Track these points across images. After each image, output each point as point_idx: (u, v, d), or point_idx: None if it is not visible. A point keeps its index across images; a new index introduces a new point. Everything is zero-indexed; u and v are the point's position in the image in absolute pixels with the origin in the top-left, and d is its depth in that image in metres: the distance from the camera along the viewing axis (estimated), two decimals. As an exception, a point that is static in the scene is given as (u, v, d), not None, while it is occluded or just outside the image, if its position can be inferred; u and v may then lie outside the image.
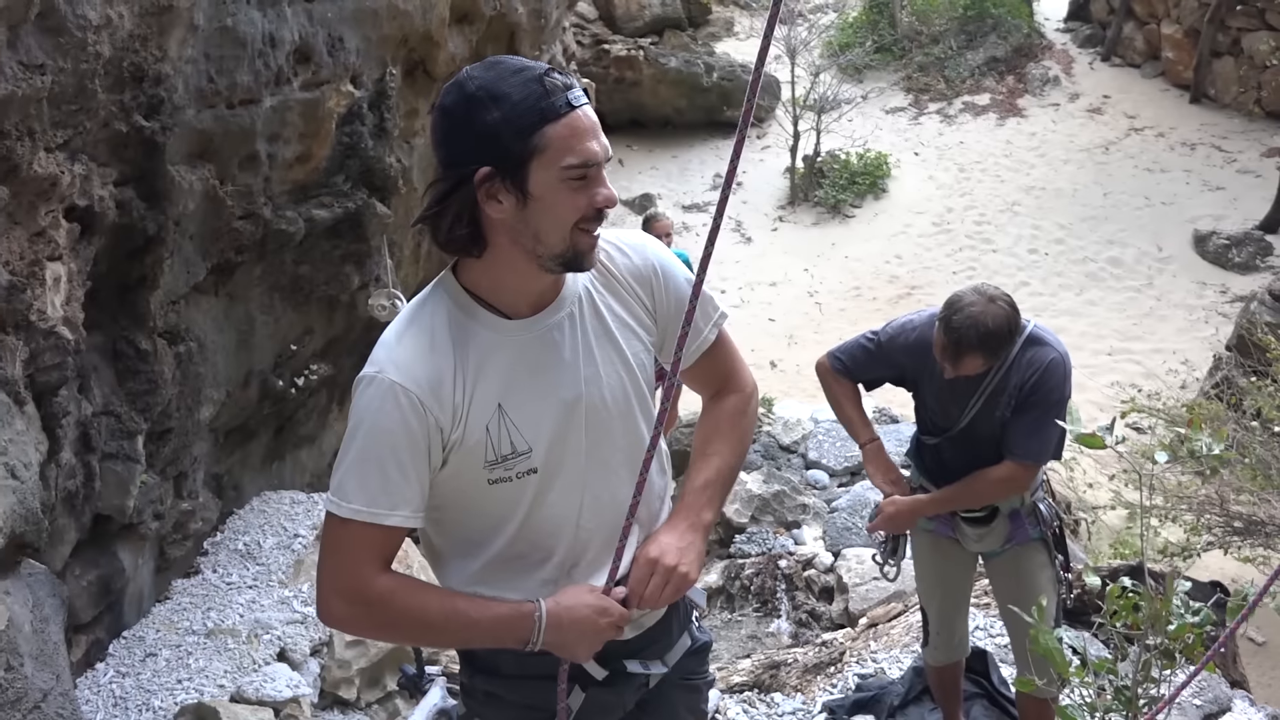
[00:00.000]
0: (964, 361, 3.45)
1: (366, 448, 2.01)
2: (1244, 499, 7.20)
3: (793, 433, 8.61)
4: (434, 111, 1.99)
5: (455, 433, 2.05)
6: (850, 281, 15.30)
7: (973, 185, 17.61)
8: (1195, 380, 11.34)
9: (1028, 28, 21.60)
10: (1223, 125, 18.34)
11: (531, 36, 8.12)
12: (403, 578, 2.13)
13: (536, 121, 1.92)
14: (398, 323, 2.12)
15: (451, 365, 2.05)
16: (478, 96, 1.93)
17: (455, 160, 1.97)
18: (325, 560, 2.09)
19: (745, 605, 6.58)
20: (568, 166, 1.96)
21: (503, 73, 1.94)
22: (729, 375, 2.51)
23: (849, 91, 18.94)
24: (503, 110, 1.92)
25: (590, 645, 2.17)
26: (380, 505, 2.01)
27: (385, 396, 2.00)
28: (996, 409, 3.63)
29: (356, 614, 2.10)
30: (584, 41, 18.03)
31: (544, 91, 1.92)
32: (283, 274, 5.69)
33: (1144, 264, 15.03)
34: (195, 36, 4.43)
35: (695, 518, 2.27)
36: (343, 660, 5.03)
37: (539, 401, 2.12)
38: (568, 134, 1.94)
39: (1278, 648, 7.08)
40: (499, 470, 2.10)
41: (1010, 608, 3.83)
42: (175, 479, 5.15)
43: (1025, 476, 3.68)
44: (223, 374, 5.30)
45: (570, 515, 2.20)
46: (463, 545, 2.22)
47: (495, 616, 2.12)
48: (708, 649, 2.60)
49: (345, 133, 5.80)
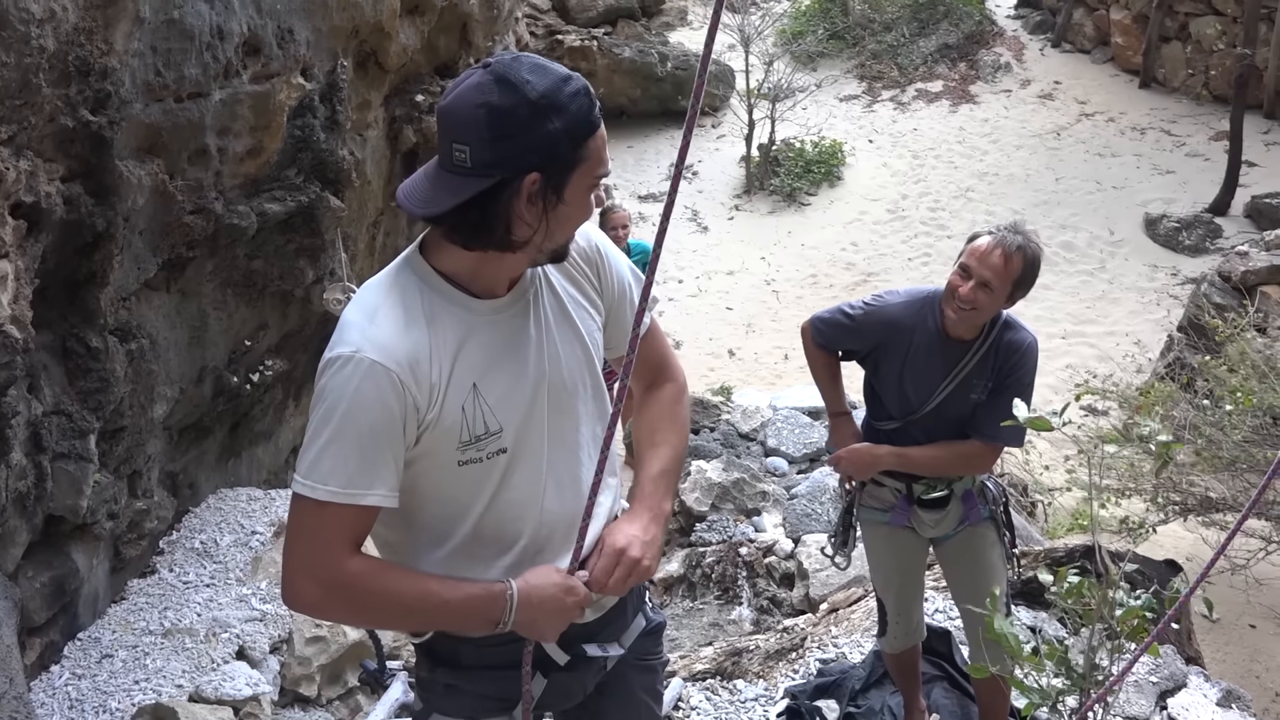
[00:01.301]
0: (989, 260, 3.47)
1: (343, 427, 1.99)
2: (1196, 478, 7.31)
3: (751, 420, 8.63)
4: (477, 108, 1.96)
5: (431, 412, 2.05)
6: (807, 269, 15.36)
7: (927, 172, 17.71)
8: (1149, 362, 11.47)
9: (979, 15, 21.75)
10: (1172, 109, 18.56)
11: (484, 27, 8.08)
12: (374, 559, 2.12)
13: (586, 133, 2.01)
14: (365, 302, 2.10)
15: (427, 344, 2.04)
16: (540, 105, 1.96)
17: (504, 162, 1.97)
18: (295, 543, 2.06)
19: (706, 593, 6.59)
20: (598, 175, 2.07)
21: (555, 80, 1.99)
22: (661, 364, 2.54)
23: (803, 80, 19.00)
24: (564, 121, 1.97)
25: (558, 625, 2.18)
26: (357, 485, 2.00)
27: (365, 375, 1.98)
28: (971, 391, 3.65)
29: (328, 597, 2.07)
30: (537, 32, 17.96)
31: (590, 104, 2.02)
32: (235, 269, 5.63)
33: (1096, 248, 15.19)
34: (142, 29, 4.38)
35: (657, 508, 2.30)
36: (303, 657, 5.00)
37: (510, 381, 2.14)
38: (600, 145, 2.06)
39: (1231, 624, 7.18)
40: (471, 451, 2.11)
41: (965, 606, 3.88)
42: (129, 478, 5.10)
43: (991, 457, 3.73)
44: (176, 371, 5.25)
45: (534, 497, 2.21)
46: (427, 534, 2.21)
47: (467, 596, 2.13)
48: (662, 630, 2.63)
49: (297, 125, 5.75)
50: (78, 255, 4.40)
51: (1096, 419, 10.57)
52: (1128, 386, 9.77)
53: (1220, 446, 7.01)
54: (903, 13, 21.52)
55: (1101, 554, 2.68)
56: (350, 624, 4.75)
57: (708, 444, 8.21)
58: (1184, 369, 9.15)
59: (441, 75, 7.72)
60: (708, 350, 13.32)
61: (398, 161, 7.34)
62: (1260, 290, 10.53)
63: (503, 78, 1.96)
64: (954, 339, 3.65)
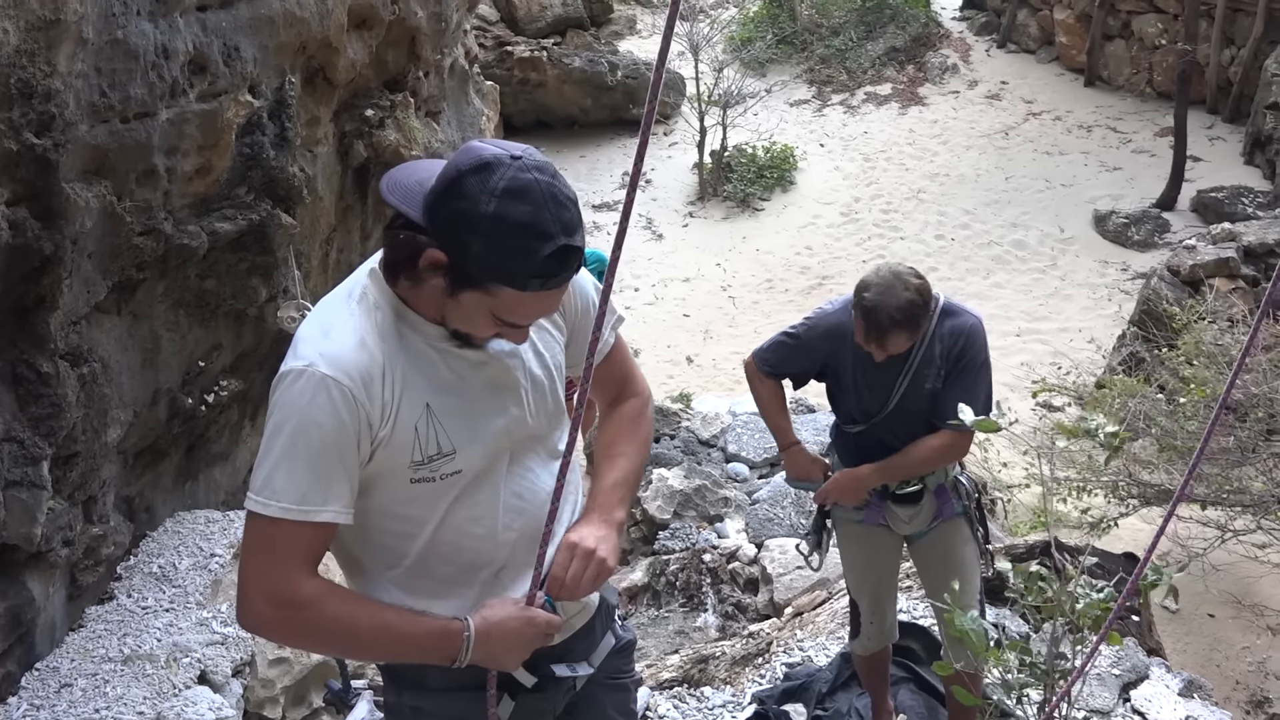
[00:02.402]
0: (889, 340, 3.50)
1: (295, 442, 1.96)
2: (1153, 469, 7.39)
3: (711, 427, 8.64)
4: (454, 163, 1.93)
5: (384, 430, 2.03)
6: (762, 274, 15.41)
7: (878, 174, 17.83)
8: (1102, 358, 11.59)
9: (925, 17, 21.97)
10: (1117, 107, 18.81)
11: (432, 40, 8.06)
12: (332, 584, 2.10)
13: (503, 279, 1.94)
14: (320, 317, 2.08)
15: (381, 361, 2.02)
16: (479, 217, 1.89)
17: (429, 224, 1.94)
18: (250, 561, 2.03)
19: (671, 601, 6.59)
20: (504, 321, 2.03)
21: (520, 221, 1.89)
22: (626, 379, 2.53)
23: (753, 85, 19.08)
24: (489, 249, 1.91)
25: (519, 656, 2.17)
26: (311, 501, 1.97)
27: (317, 389, 1.96)
28: (925, 381, 3.68)
29: (282, 618, 2.03)
30: (486, 44, 17.93)
31: (530, 269, 1.92)
32: (187, 289, 5.57)
33: (1047, 245, 15.34)
34: (85, 50, 4.33)
35: (608, 515, 2.29)
36: (266, 679, 4.95)
37: (465, 403, 2.12)
38: (516, 304, 1.98)
39: (1191, 614, 7.26)
40: (423, 470, 2.09)
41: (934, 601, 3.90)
42: (84, 504, 5.03)
43: (964, 442, 3.76)
44: (129, 394, 5.18)
45: (491, 518, 2.20)
46: (382, 551, 2.20)
47: (425, 632, 2.10)
48: (632, 647, 2.62)
49: (246, 143, 5.70)
50: (25, 280, 4.34)
51: (1053, 414, 10.67)
52: (1083, 382, 9.87)
53: (1175, 437, 7.10)
54: (850, 17, 21.69)
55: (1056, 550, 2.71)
56: (303, 648, 4.68)
57: (668, 451, 8.21)
58: (1138, 363, 9.27)
59: (390, 89, 7.68)
60: (666, 358, 13.33)
61: (349, 177, 7.29)
62: (1208, 283, 10.69)
63: (495, 165, 1.91)
64: None
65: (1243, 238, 11.45)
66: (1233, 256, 11.02)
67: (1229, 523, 6.82)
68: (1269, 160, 15.60)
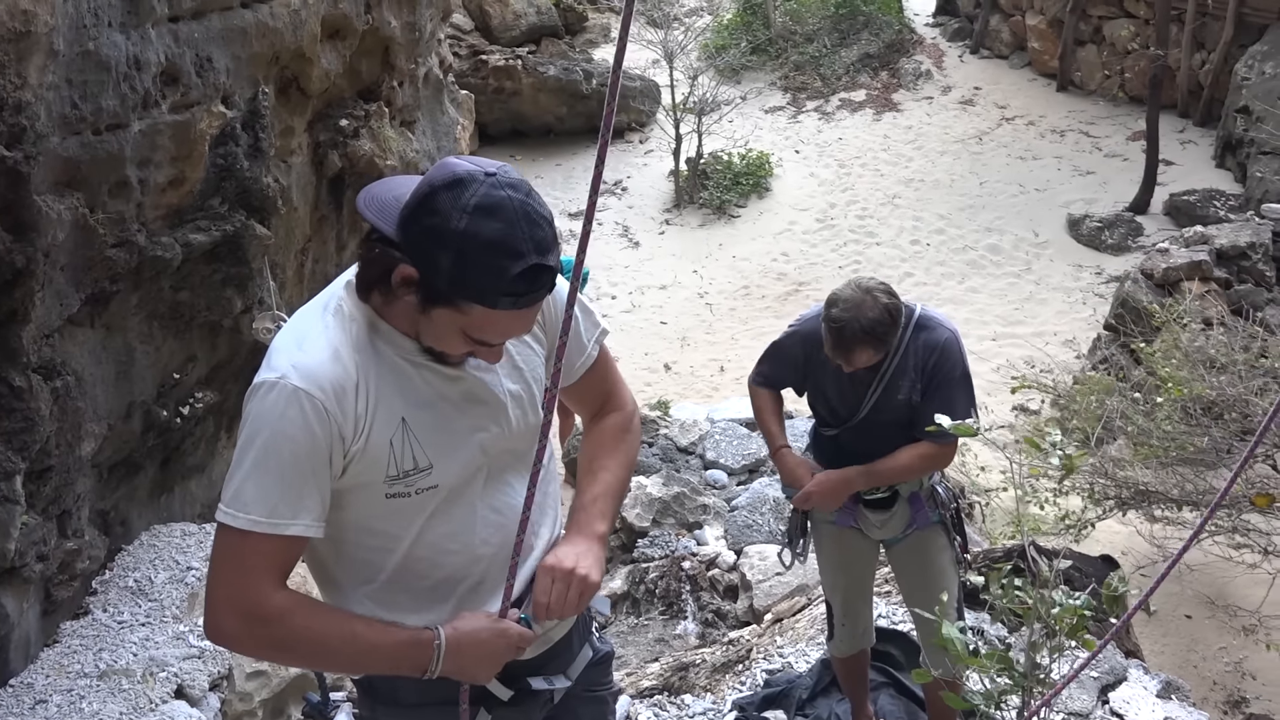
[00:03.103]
0: (855, 355, 3.52)
1: (266, 455, 1.95)
2: (1131, 470, 7.42)
3: (689, 434, 8.64)
4: (428, 179, 1.92)
5: (357, 444, 2.02)
6: (739, 281, 15.44)
7: (853, 180, 17.89)
8: (1077, 360, 11.65)
9: (898, 24, 22.08)
10: (1089, 111, 18.94)
11: (406, 50, 8.05)
12: (301, 596, 2.07)
13: (473, 296, 1.92)
14: (295, 328, 2.07)
15: (355, 374, 2.01)
16: (448, 233, 1.88)
17: (402, 239, 1.93)
18: (218, 573, 2.01)
19: (651, 609, 6.59)
20: (474, 339, 2.01)
21: (492, 238, 1.87)
22: (610, 393, 2.51)
23: (728, 93, 19.13)
24: (459, 266, 1.89)
25: (490, 668, 2.15)
26: (281, 515, 1.96)
27: (289, 402, 1.95)
28: (898, 393, 3.71)
29: (250, 631, 2.01)
30: (460, 53, 17.91)
31: (501, 286, 1.90)
32: (161, 301, 5.54)
33: (1022, 249, 15.42)
34: (56, 62, 4.30)
35: (589, 529, 2.28)
36: (244, 693, 4.92)
37: (441, 419, 2.10)
38: (487, 322, 1.96)
39: (1168, 615, 7.30)
40: (398, 485, 2.07)
41: (911, 606, 3.92)
42: (58, 518, 4.99)
43: (948, 453, 3.79)
44: (103, 407, 5.15)
45: (467, 533, 2.18)
46: (356, 565, 2.18)
47: (395, 643, 2.09)
48: (610, 659, 2.61)
49: (219, 154, 5.68)
50: (-3, 293, 4.32)
51: (1029, 417, 10.72)
52: (1061, 383, 9.92)
53: (1151, 436, 7.14)
54: (823, 24, 21.78)
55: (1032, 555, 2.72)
56: (273, 660, 4.65)
57: (647, 459, 8.21)
58: (1113, 366, 9.31)
59: (364, 99, 7.67)
60: (643, 365, 13.33)
61: (324, 187, 7.27)
62: (1181, 285, 10.76)
63: (469, 182, 1.90)
64: None
65: (1215, 240, 11.54)
66: (1205, 259, 11.10)
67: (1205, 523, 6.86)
68: (1240, 163, 15.74)
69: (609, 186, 17.90)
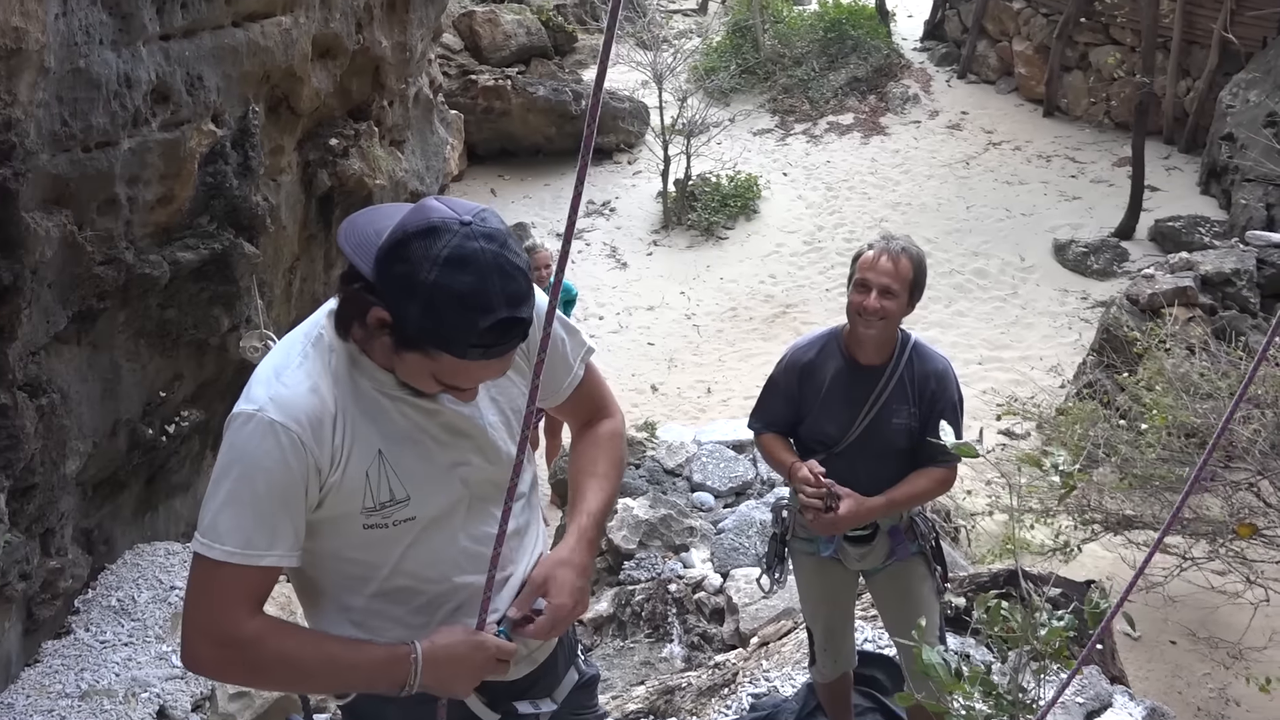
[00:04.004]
0: (884, 265, 3.63)
1: (241, 486, 1.96)
2: (1116, 497, 7.44)
3: (676, 456, 8.63)
4: (402, 221, 1.90)
5: (333, 476, 2.02)
6: (726, 303, 15.45)
7: (841, 203, 17.94)
8: (1062, 387, 11.69)
9: (886, 48, 22.19)
10: (1075, 137, 19.03)
11: (397, 70, 8.07)
12: (275, 620, 2.08)
13: (442, 346, 1.92)
14: (276, 359, 2.07)
15: (333, 407, 2.02)
16: (424, 284, 1.86)
17: (377, 282, 1.92)
18: (193, 602, 2.02)
19: (637, 631, 6.56)
20: (444, 385, 2.01)
21: (461, 291, 1.86)
22: (599, 406, 2.53)
23: (717, 115, 19.17)
24: (427, 317, 1.88)
25: (469, 682, 2.15)
26: (256, 546, 1.97)
27: (265, 434, 1.95)
28: (894, 415, 3.72)
29: (225, 658, 2.02)
30: (450, 72, 17.95)
31: (470, 338, 1.89)
32: (148, 319, 5.54)
33: (1008, 274, 15.47)
34: (47, 79, 4.31)
35: (586, 554, 2.28)
36: (226, 714, 4.89)
37: (419, 451, 2.11)
38: (456, 369, 1.96)
39: (1153, 641, 7.30)
40: (375, 516, 2.08)
41: (894, 635, 3.91)
42: (42, 536, 4.97)
43: (952, 477, 3.83)
44: (88, 425, 5.14)
45: (447, 563, 2.19)
46: (339, 592, 2.19)
47: (371, 660, 2.09)
48: (596, 682, 2.61)
49: (209, 172, 5.68)
50: (-16, 310, 4.30)
51: (1016, 442, 10.73)
52: (1046, 409, 9.94)
53: (1136, 465, 7.15)
54: (812, 47, 21.88)
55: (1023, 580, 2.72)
56: (251, 686, 4.61)
57: (634, 480, 8.19)
58: (1098, 391, 9.34)
59: (354, 118, 7.68)
60: (631, 386, 13.32)
61: (313, 206, 7.28)
62: (1166, 311, 10.81)
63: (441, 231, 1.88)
64: (865, 366, 3.73)
65: (1200, 266, 11.60)
66: (1190, 285, 11.16)
67: (1189, 550, 6.88)
68: (1224, 190, 15.82)
69: (597, 207, 17.92)
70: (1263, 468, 6.45)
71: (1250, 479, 6.66)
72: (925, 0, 24.66)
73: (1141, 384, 7.79)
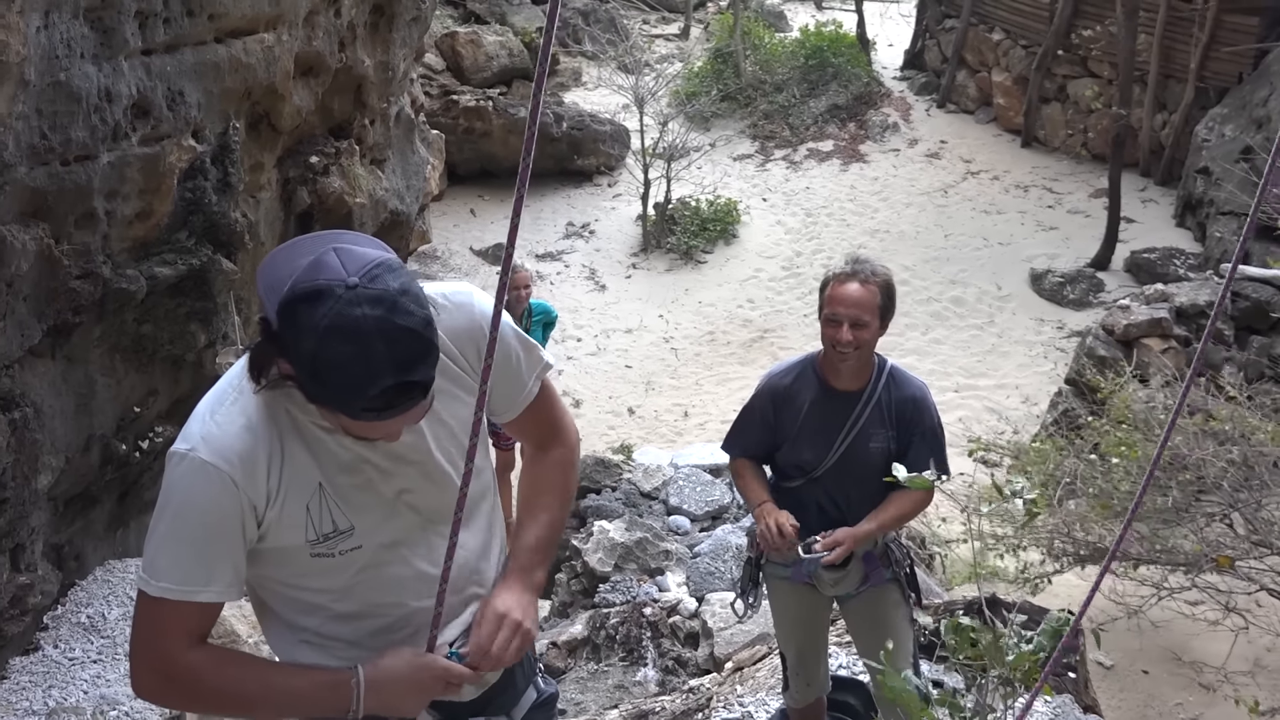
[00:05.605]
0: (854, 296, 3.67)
1: (177, 525, 1.98)
2: (1090, 528, 7.47)
3: (653, 479, 8.62)
4: (290, 289, 1.82)
5: (271, 511, 2.03)
6: (704, 326, 15.48)
7: (820, 229, 18.02)
8: (1037, 417, 11.74)
9: (866, 76, 22.35)
10: (1053, 168, 19.20)
11: (379, 89, 8.08)
12: (216, 650, 2.10)
13: (334, 408, 1.89)
14: (213, 395, 2.08)
15: (267, 444, 2.01)
16: (306, 353, 1.81)
17: (278, 332, 1.86)
18: (137, 634, 2.04)
19: (611, 655, 6.54)
20: (348, 432, 1.99)
21: (342, 362, 1.78)
22: (554, 427, 2.51)
23: (697, 139, 19.26)
24: (314, 383, 1.85)
25: (417, 702, 2.16)
26: (193, 582, 1.99)
27: (195, 474, 1.96)
28: (871, 440, 3.73)
29: (168, 688, 2.07)
30: (432, 92, 17.97)
31: (358, 404, 1.84)
32: (124, 334, 5.50)
33: (985, 302, 15.55)
34: (27, 92, 4.29)
35: (528, 579, 2.30)
36: (195, 734, 4.85)
37: (363, 480, 2.10)
38: (358, 426, 1.92)
39: (1125, 670, 7.32)
40: (320, 547, 2.08)
41: (866, 660, 3.91)
42: (11, 552, 4.92)
43: (929, 496, 3.84)
44: (61, 440, 5.10)
45: (400, 588, 2.19)
46: (294, 616, 2.21)
47: (314, 685, 2.11)
48: (554, 701, 2.61)
49: (188, 188, 5.67)
50: (-43, 323, 4.28)
51: (990, 468, 10.77)
52: (1019, 439, 9.99)
53: (1111, 497, 7.19)
54: (793, 74, 22.01)
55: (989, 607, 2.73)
56: (198, 713, 4.58)
57: (609, 504, 8.18)
58: (1072, 422, 9.39)
59: (335, 136, 7.68)
60: (608, 409, 13.32)
61: (291, 223, 7.26)
62: (1141, 342, 10.88)
63: (328, 308, 1.79)
64: (841, 392, 3.75)
65: (1175, 298, 11.69)
66: (1165, 317, 11.24)
67: (1163, 580, 6.91)
68: (1200, 223, 15.97)
69: (576, 229, 17.95)
70: (1234, 501, 6.49)
71: (1224, 511, 6.71)
72: (905, 29, 24.93)
73: (1106, 425, 7.85)
